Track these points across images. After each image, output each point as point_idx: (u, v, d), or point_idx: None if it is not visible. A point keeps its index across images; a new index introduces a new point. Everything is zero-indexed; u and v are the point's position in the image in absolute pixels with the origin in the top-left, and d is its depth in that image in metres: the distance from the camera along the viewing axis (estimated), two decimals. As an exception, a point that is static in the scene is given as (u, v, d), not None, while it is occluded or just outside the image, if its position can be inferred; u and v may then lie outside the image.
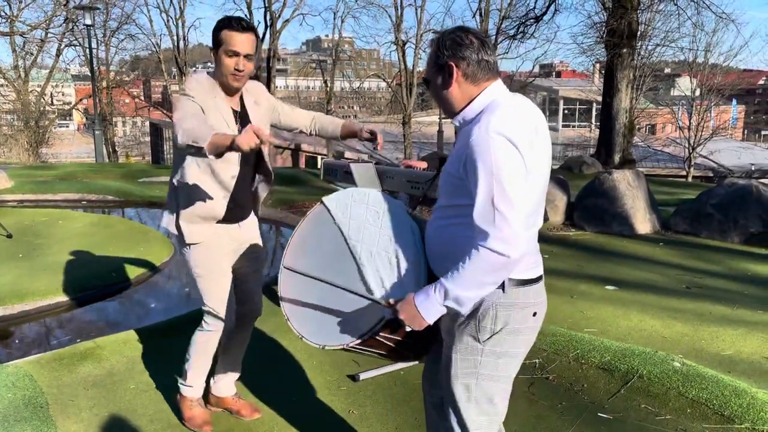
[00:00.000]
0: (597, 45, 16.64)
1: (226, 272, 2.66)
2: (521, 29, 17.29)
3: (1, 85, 27.12)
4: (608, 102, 14.43)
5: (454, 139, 1.84)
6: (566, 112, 36.14)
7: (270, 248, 6.86)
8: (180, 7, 28.72)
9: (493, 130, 1.60)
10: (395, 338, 1.90)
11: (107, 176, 11.92)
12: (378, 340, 1.88)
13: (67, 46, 26.66)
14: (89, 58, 18.48)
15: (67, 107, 35.20)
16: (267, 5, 26.37)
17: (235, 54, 2.35)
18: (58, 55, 26.85)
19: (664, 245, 6.46)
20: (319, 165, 27.58)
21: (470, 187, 1.63)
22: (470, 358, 1.80)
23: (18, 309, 4.56)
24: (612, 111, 14.31)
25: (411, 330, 1.75)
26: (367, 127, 2.75)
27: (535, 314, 1.83)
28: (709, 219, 6.81)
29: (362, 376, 3.31)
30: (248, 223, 2.75)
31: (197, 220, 2.54)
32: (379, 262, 1.91)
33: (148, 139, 35.82)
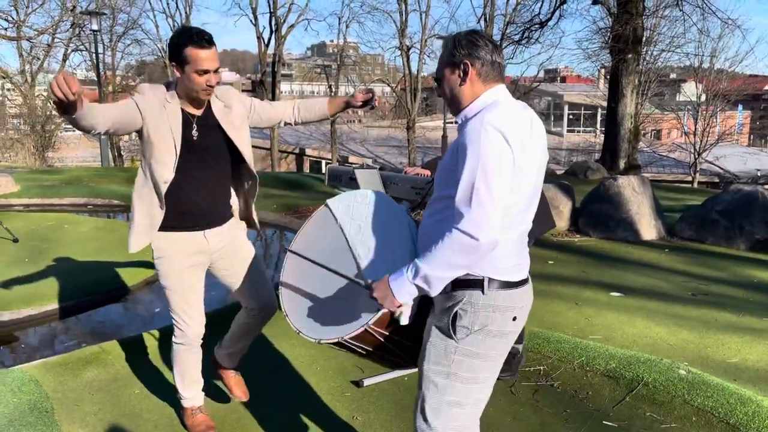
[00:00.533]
0: (602, 50, 16.66)
1: (194, 288, 2.62)
2: (526, 34, 17.33)
3: (8, 90, 27.32)
4: (613, 107, 14.41)
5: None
6: (571, 117, 36.12)
7: (275, 253, 6.87)
8: (186, 13, 28.85)
9: (487, 122, 1.66)
10: (384, 333, 1.92)
11: (113, 180, 11.97)
12: (371, 334, 1.91)
13: (73, 50, 26.81)
14: (96, 63, 18.61)
15: (73, 111, 35.29)
16: (272, 10, 26.45)
17: (205, 72, 2.33)
18: (64, 60, 27.00)
19: (670, 252, 6.44)
20: (323, 170, 27.63)
21: (458, 176, 1.67)
22: (443, 354, 1.81)
23: (24, 313, 4.57)
24: (617, 116, 14.29)
25: (398, 324, 1.78)
26: (359, 95, 2.72)
27: (515, 319, 1.83)
28: (714, 225, 6.79)
29: (366, 382, 3.30)
30: (217, 233, 2.63)
31: (135, 226, 2.50)
32: (377, 256, 1.97)
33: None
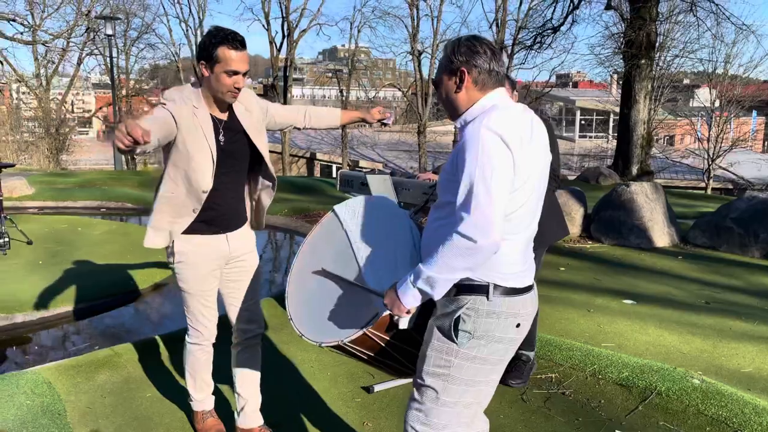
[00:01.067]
0: (615, 56, 16.59)
1: (211, 291, 2.63)
2: (538, 39, 17.30)
3: (23, 93, 27.63)
4: (626, 113, 14.35)
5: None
6: (583, 122, 35.94)
7: (284, 257, 6.89)
8: (199, 17, 29.15)
9: (485, 126, 1.66)
10: (384, 337, 1.93)
11: (126, 184, 12.05)
12: (370, 338, 1.91)
13: (88, 55, 27.18)
14: (110, 67, 18.75)
15: (87, 115, 35.75)
16: (284, 15, 26.61)
17: (235, 73, 2.33)
18: (79, 64, 27.39)
19: (683, 259, 6.38)
20: (333, 174, 27.67)
21: (458, 180, 1.67)
22: (444, 357, 1.80)
23: (37, 315, 4.61)
24: (630, 122, 14.22)
25: (398, 329, 1.79)
26: (375, 110, 2.76)
27: (518, 326, 1.81)
28: (728, 232, 6.73)
29: (377, 387, 3.30)
30: (237, 236, 2.64)
31: (159, 225, 2.51)
32: (379, 261, 1.98)
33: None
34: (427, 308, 1.86)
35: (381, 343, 1.96)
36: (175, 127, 2.34)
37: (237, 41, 2.31)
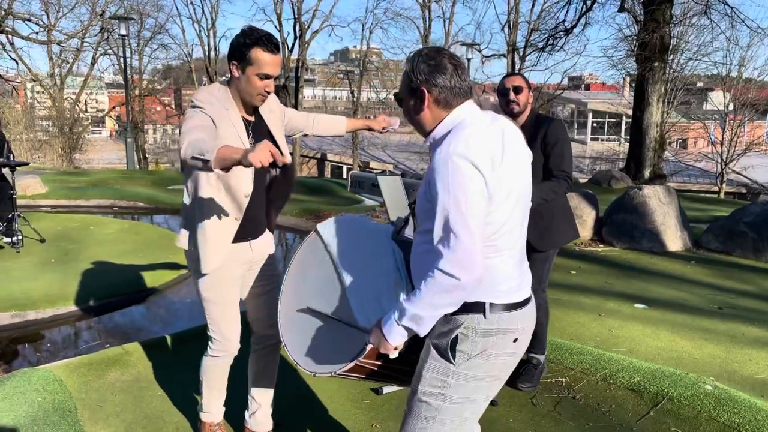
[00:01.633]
0: (628, 58, 16.49)
1: (235, 299, 2.57)
2: (550, 42, 17.23)
3: (37, 92, 27.93)
4: (639, 116, 14.25)
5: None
6: (595, 125, 35.77)
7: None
8: (212, 18, 29.27)
9: (453, 152, 1.59)
10: (376, 363, 1.90)
11: (138, 183, 12.13)
12: (363, 366, 1.89)
13: (102, 54, 27.38)
14: (123, 67, 18.90)
15: (100, 114, 36.01)
16: (296, 16, 26.69)
17: (267, 77, 2.28)
18: (93, 64, 27.60)
19: (696, 263, 6.32)
20: (344, 175, 27.70)
21: (434, 211, 1.61)
22: (440, 378, 1.75)
23: (49, 313, 4.65)
24: (642, 125, 14.12)
25: (384, 355, 1.74)
26: (381, 119, 2.75)
27: (516, 340, 1.76)
28: (742, 237, 6.66)
29: (385, 389, 3.29)
30: (260, 243, 2.60)
31: (210, 242, 2.39)
32: (363, 289, 1.96)
33: (177, 147, 36.31)
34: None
35: (374, 368, 1.93)
36: (215, 132, 2.26)
37: (272, 44, 2.24)
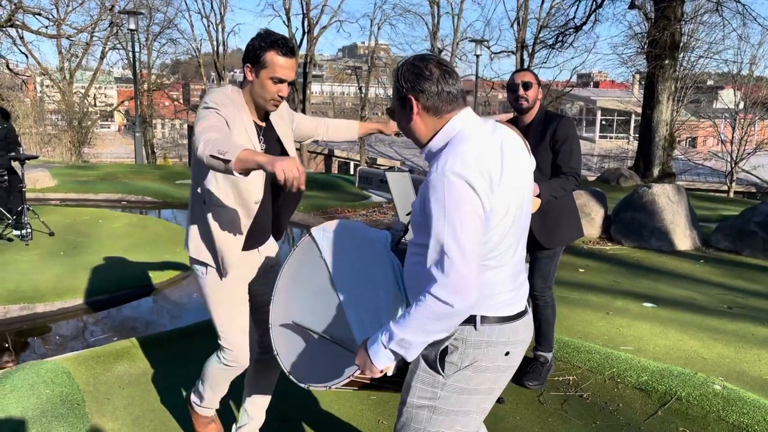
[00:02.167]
0: (638, 56, 16.39)
1: (244, 301, 2.48)
2: (560, 39, 17.15)
3: (47, 86, 28.07)
4: (648, 114, 14.16)
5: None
6: (603, 123, 35.59)
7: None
8: (220, 13, 29.35)
9: (449, 170, 1.52)
10: (371, 376, 1.85)
11: (146, 178, 12.17)
12: (358, 380, 1.86)
13: (111, 49, 27.51)
14: (132, 62, 18.95)
15: (109, 108, 36.17)
16: (305, 12, 26.68)
17: (281, 81, 2.21)
18: (102, 58, 27.70)
19: (705, 263, 6.28)
20: (351, 171, 27.70)
21: (428, 229, 1.56)
22: (429, 389, 1.72)
23: (57, 306, 4.68)
24: (652, 123, 14.04)
25: (384, 373, 1.69)
26: (393, 124, 2.65)
27: (507, 353, 1.71)
28: (752, 237, 6.61)
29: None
30: (267, 248, 2.54)
31: (220, 250, 2.31)
32: (361, 302, 1.89)
33: (185, 142, 36.52)
34: None
35: (368, 381, 1.90)
36: (230, 134, 2.20)
37: (287, 48, 2.19)
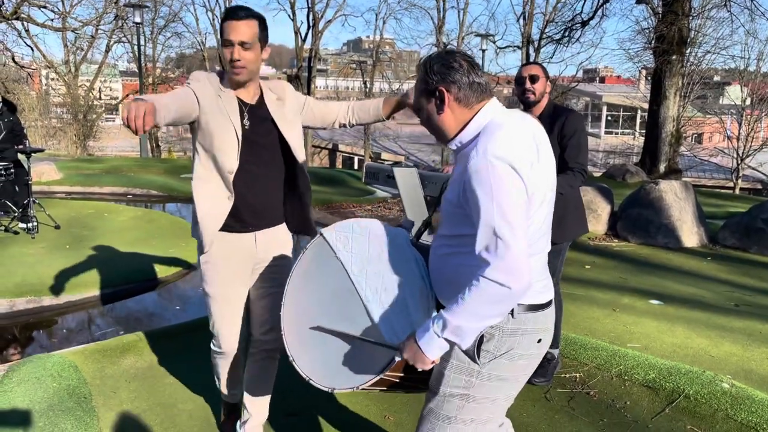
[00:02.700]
0: (645, 51, 16.30)
1: (235, 297, 2.46)
2: (567, 33, 17.07)
3: (52, 79, 28.08)
4: (655, 109, 14.09)
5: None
6: (609, 118, 35.45)
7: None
8: (225, 7, 29.26)
9: (491, 154, 1.53)
10: (399, 375, 1.84)
11: (151, 171, 12.19)
12: (386, 379, 1.83)
13: (116, 42, 27.44)
14: (137, 55, 18.94)
15: (114, 102, 36.20)
16: (310, 6, 26.63)
17: (229, 44, 2.16)
18: (107, 51, 27.68)
19: (712, 260, 6.26)
20: (356, 166, 27.68)
21: (471, 215, 1.56)
22: (464, 378, 1.73)
23: (64, 299, 4.68)
24: (658, 119, 13.97)
25: (411, 367, 1.68)
26: (411, 90, 2.49)
27: (539, 341, 1.75)
28: (760, 234, 6.57)
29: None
30: (269, 237, 2.47)
31: (202, 222, 2.33)
32: (385, 298, 1.85)
33: (190, 136, 36.45)
34: None
35: (396, 380, 1.88)
36: (196, 106, 2.24)
37: (237, 11, 2.16)
